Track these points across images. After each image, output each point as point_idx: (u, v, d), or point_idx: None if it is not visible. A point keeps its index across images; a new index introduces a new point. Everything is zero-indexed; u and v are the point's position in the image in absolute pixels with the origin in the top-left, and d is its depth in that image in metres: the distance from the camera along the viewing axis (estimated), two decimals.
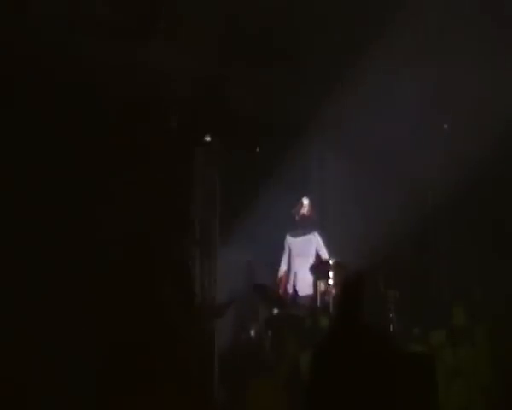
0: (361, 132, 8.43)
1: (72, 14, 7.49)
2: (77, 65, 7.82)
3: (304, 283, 8.32)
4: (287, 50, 8.20)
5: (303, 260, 8.42)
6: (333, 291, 7.66)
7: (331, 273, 7.82)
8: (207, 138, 9.00)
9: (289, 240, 8.63)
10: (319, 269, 8.06)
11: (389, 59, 7.62)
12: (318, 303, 8.04)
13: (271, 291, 8.26)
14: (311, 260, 8.39)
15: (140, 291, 7.64)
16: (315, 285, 8.08)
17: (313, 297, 8.13)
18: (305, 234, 8.53)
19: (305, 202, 8.50)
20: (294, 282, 8.45)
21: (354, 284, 3.21)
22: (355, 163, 9.00)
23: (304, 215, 8.48)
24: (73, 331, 7.54)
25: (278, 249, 8.67)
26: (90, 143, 8.10)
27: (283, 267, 8.60)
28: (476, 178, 7.90)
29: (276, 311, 8.09)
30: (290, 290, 8.43)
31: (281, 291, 8.46)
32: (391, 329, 7.17)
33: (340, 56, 7.86)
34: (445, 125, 8.67)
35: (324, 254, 8.39)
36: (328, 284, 7.86)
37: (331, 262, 7.83)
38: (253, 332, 8.43)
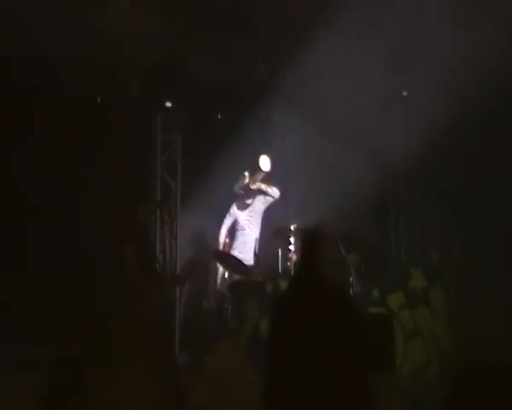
0: (322, 96, 8.42)
1: None
2: (34, 32, 7.70)
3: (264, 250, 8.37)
4: (248, 14, 8.13)
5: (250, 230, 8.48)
6: (294, 257, 7.69)
7: (292, 239, 7.86)
8: (168, 104, 8.93)
9: (235, 212, 8.66)
10: (280, 235, 8.09)
11: (350, 19, 7.59)
12: (280, 269, 8.08)
13: (232, 257, 8.25)
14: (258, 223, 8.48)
15: (101, 253, 7.61)
16: (276, 250, 8.12)
17: (274, 263, 8.17)
18: (250, 204, 8.57)
19: (246, 174, 8.49)
20: (255, 248, 8.46)
21: (311, 243, 3.19)
22: (316, 127, 8.99)
23: (247, 186, 8.49)
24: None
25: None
26: (51, 113, 8.02)
27: (223, 233, 8.63)
28: (437, 143, 7.95)
29: (236, 277, 8.11)
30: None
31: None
32: (351, 292, 7.23)
33: (302, 19, 7.82)
34: (404, 93, 8.70)
35: (275, 194, 8.48)
36: (289, 250, 7.90)
37: (292, 228, 7.85)
38: (213, 298, 8.44)
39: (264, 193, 8.52)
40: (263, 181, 8.52)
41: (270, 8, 7.95)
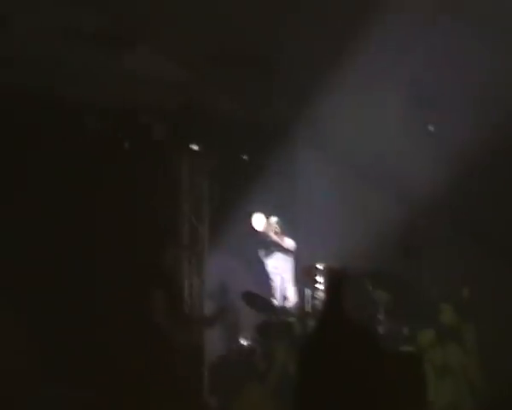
0: (347, 135, 8.42)
1: (57, 23, 7.46)
2: (62, 75, 7.82)
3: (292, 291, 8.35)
4: (272, 53, 8.19)
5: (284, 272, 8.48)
6: (322, 296, 7.64)
7: (319, 278, 7.81)
8: (194, 147, 8.99)
9: (264, 261, 8.73)
10: (307, 274, 8.05)
11: (373, 58, 7.61)
12: (308, 309, 8.03)
13: (260, 298, 8.21)
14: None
15: (130, 298, 7.61)
16: (304, 290, 8.08)
17: (302, 302, 8.13)
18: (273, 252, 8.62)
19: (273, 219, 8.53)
20: (284, 288, 8.42)
21: (338, 282, 3.15)
22: (342, 166, 8.99)
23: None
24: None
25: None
26: (78, 155, 8.10)
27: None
28: (463, 178, 7.89)
29: (265, 318, 8.06)
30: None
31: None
32: (379, 330, 7.14)
33: (326, 58, 7.85)
34: (430, 127, 8.66)
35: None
36: (317, 289, 7.84)
37: (320, 267, 7.81)
38: (243, 340, 8.39)
39: (280, 246, 8.55)
40: (276, 231, 8.55)
41: (293, 47, 8.00)
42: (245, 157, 9.23)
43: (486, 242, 8.35)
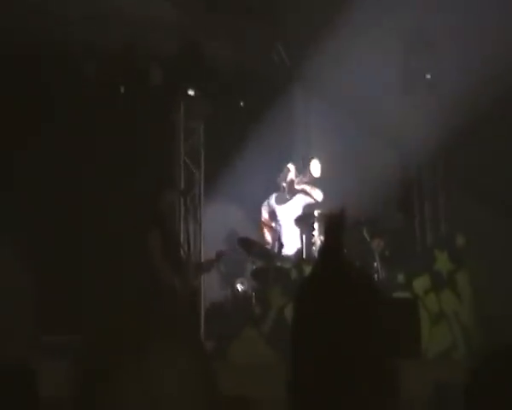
0: (344, 82, 8.36)
1: None
2: (57, 20, 7.72)
3: (289, 237, 8.34)
4: (268, 2, 8.10)
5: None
6: (318, 242, 7.67)
7: (316, 224, 7.84)
8: (191, 92, 8.93)
9: (274, 205, 8.53)
10: (304, 220, 8.07)
11: (373, 5, 7.52)
12: (304, 255, 8.07)
13: (256, 244, 8.24)
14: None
15: (126, 241, 7.65)
16: (300, 237, 8.11)
17: (299, 249, 8.17)
18: (290, 199, 8.47)
19: (291, 168, 8.37)
20: (280, 235, 8.43)
21: (336, 227, 3.11)
22: (339, 113, 8.94)
23: (292, 182, 8.37)
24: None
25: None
26: (75, 100, 8.05)
27: (264, 215, 8.54)
28: (462, 127, 7.86)
29: (261, 264, 8.10)
30: (273, 241, 8.41)
31: (262, 239, 8.42)
32: (376, 277, 7.20)
33: (322, 4, 7.77)
34: (428, 76, 8.61)
35: (319, 197, 8.35)
36: (313, 235, 7.88)
37: (316, 213, 7.83)
38: (238, 286, 8.44)
39: (307, 194, 8.42)
40: (309, 184, 8.42)
41: None
42: (242, 103, 9.17)
43: (479, 190, 8.38)
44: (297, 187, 8.34)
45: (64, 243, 7.87)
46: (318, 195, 8.33)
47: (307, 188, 8.33)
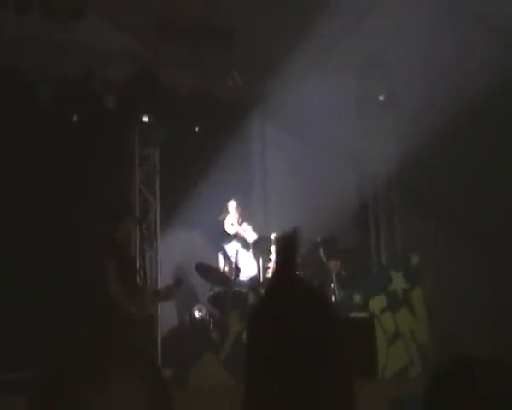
0: (300, 104, 8.44)
1: None
2: (10, 47, 7.66)
3: (246, 261, 8.34)
4: (223, 25, 8.15)
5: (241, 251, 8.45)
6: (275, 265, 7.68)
7: (272, 248, 7.85)
8: (145, 118, 8.90)
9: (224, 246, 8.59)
10: (260, 244, 8.09)
11: (327, 31, 7.63)
12: (261, 278, 8.08)
13: (213, 270, 8.23)
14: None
15: (82, 269, 7.56)
16: (257, 261, 8.13)
17: (256, 273, 8.18)
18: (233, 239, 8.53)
19: (231, 207, 8.46)
20: (236, 260, 8.43)
21: (290, 249, 3.11)
22: (295, 135, 9.01)
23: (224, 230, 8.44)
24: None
25: (219, 227, 8.64)
26: (29, 126, 7.97)
27: (221, 260, 8.57)
28: (415, 147, 7.99)
29: (218, 289, 8.09)
30: (229, 266, 8.40)
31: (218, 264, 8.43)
32: (332, 297, 7.24)
33: (277, 29, 7.84)
34: (381, 97, 8.75)
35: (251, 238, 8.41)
36: (270, 259, 7.90)
37: (272, 237, 7.84)
38: (196, 312, 8.40)
39: (240, 240, 8.45)
40: (243, 219, 8.44)
41: (245, 18, 7.97)
42: (197, 129, 9.18)
43: (433, 208, 8.52)
44: (230, 232, 8.39)
45: (16, 273, 7.73)
46: (251, 236, 8.39)
47: (240, 230, 8.40)
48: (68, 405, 1.34)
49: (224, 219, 8.45)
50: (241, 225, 8.41)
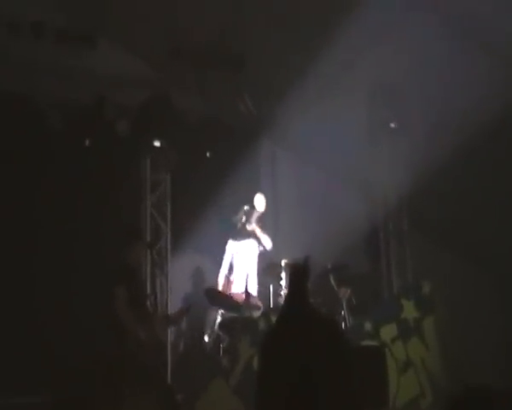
0: (310, 131, 8.46)
1: (17, 18, 7.37)
2: (21, 74, 7.73)
3: (256, 287, 8.34)
4: (234, 51, 8.20)
5: (247, 265, 8.41)
6: (285, 292, 7.66)
7: (283, 274, 7.84)
8: (157, 143, 8.94)
9: (231, 244, 8.57)
10: (271, 270, 8.07)
11: (338, 57, 7.66)
12: (271, 304, 8.05)
13: (223, 295, 8.20)
14: (255, 260, 8.38)
15: (93, 294, 7.56)
16: (268, 286, 8.11)
17: (266, 299, 8.15)
18: (245, 240, 8.50)
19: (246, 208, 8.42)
20: (246, 285, 8.41)
21: (301, 277, 3.15)
22: (306, 162, 9.03)
23: (243, 225, 8.38)
24: None
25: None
26: (39, 156, 8.02)
27: (223, 271, 8.53)
28: (429, 174, 7.98)
29: (228, 314, 8.06)
30: (234, 292, 8.37)
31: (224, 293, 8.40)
32: (343, 326, 7.19)
33: (288, 56, 7.88)
34: (392, 124, 8.76)
35: (268, 245, 8.38)
36: (280, 285, 7.88)
37: (283, 263, 7.83)
38: (206, 337, 8.38)
39: (256, 238, 8.41)
40: (258, 222, 8.41)
41: (256, 44, 8.02)
42: (208, 154, 9.20)
43: (444, 237, 8.49)
44: (248, 228, 8.35)
45: (31, 298, 7.75)
46: (267, 242, 8.37)
47: (257, 230, 8.35)
48: None
49: (241, 218, 8.37)
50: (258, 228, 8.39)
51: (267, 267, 8.16)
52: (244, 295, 8.01)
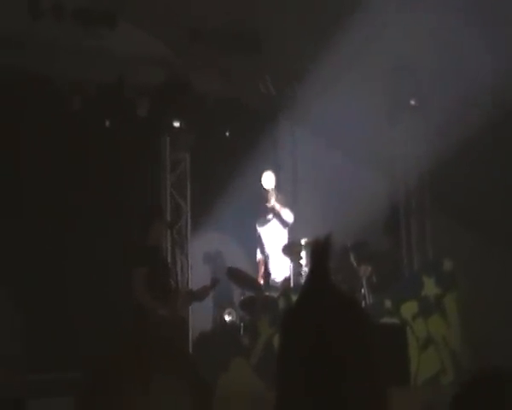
0: (330, 110, 8.42)
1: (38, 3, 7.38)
2: (41, 55, 7.75)
3: (277, 266, 8.34)
4: (254, 31, 8.17)
5: (274, 245, 8.41)
6: (305, 271, 7.68)
7: (303, 253, 7.85)
8: (176, 123, 8.96)
9: (258, 229, 8.60)
10: (291, 249, 8.08)
11: (357, 36, 7.61)
12: (291, 283, 8.07)
13: (244, 274, 8.23)
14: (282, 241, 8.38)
15: (114, 274, 7.63)
16: (288, 265, 8.12)
17: (287, 278, 8.17)
18: (270, 220, 8.48)
19: (268, 177, 8.36)
20: (267, 265, 8.43)
21: (323, 254, 3.10)
22: (325, 141, 8.99)
23: (267, 207, 8.38)
24: None
25: (251, 231, 8.65)
26: (62, 133, 8.06)
27: (258, 255, 8.57)
28: (447, 152, 7.92)
29: (249, 293, 8.09)
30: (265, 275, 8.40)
31: (258, 276, 8.42)
32: (363, 303, 7.20)
33: (307, 35, 7.84)
34: (412, 102, 8.70)
35: (289, 218, 8.35)
36: (300, 264, 7.89)
37: (303, 242, 7.83)
38: (226, 316, 8.42)
39: (276, 214, 8.43)
40: (278, 200, 8.41)
41: (275, 24, 7.98)
42: (227, 134, 9.21)
43: (466, 214, 8.43)
44: (268, 206, 8.35)
45: (51, 279, 7.83)
46: (289, 215, 8.34)
47: (276, 206, 8.33)
48: (114, 405, 1.37)
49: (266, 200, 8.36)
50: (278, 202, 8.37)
51: (287, 246, 8.17)
52: (267, 278, 8.06)
